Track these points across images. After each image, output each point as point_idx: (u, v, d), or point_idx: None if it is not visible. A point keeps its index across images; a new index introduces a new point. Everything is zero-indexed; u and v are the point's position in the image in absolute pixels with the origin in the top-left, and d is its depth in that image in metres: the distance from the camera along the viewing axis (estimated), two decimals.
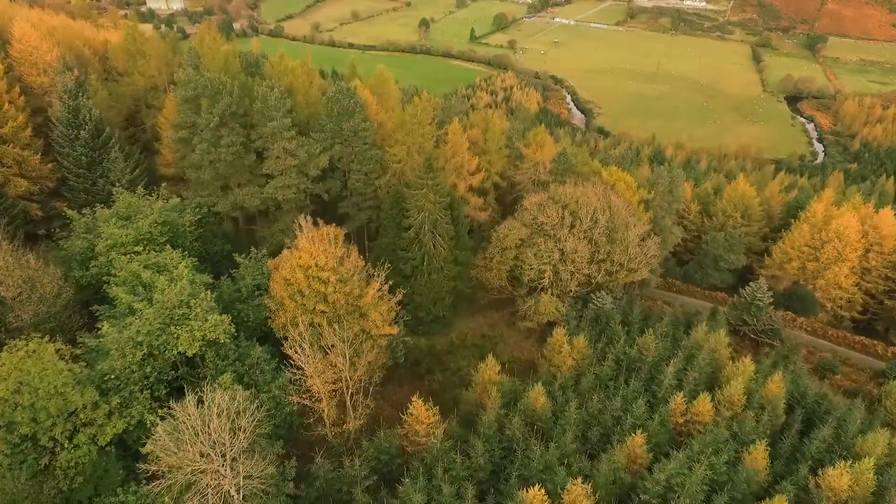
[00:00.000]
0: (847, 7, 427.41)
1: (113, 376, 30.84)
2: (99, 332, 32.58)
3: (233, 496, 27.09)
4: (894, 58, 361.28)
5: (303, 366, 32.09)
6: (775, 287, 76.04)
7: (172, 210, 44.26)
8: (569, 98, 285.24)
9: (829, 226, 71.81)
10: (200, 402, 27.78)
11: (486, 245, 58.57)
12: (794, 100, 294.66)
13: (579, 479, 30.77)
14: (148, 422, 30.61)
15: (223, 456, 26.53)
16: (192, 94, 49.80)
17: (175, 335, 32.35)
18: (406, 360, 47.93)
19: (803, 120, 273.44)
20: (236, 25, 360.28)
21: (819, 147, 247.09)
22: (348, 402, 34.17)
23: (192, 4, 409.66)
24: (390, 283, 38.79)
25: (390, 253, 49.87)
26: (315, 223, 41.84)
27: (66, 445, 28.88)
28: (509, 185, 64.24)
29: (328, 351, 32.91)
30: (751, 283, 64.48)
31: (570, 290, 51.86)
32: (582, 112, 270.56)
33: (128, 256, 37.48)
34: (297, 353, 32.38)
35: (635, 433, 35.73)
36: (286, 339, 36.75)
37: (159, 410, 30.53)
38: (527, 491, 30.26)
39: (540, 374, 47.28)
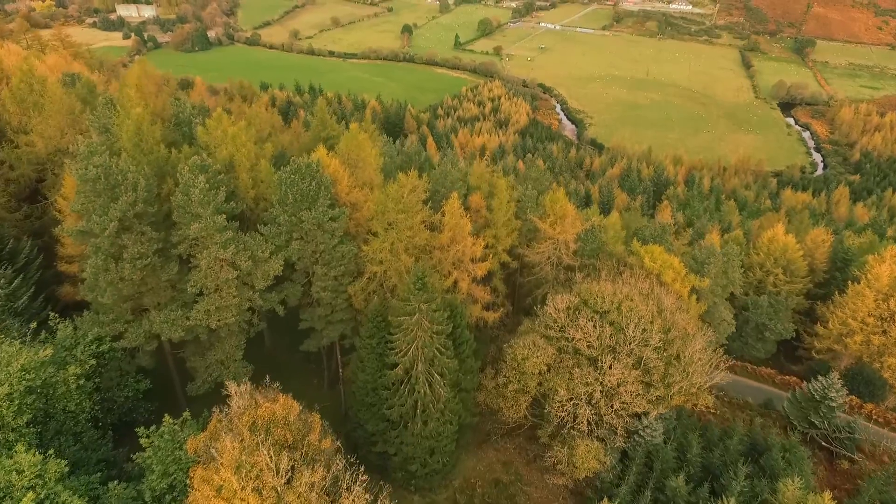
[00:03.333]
0: (833, 10, 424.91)
1: None
2: None
3: None
4: (882, 61, 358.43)
5: None
6: (835, 364, 64.42)
7: (48, 364, 30.09)
8: (558, 107, 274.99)
9: None
10: None
11: (494, 350, 45.37)
12: (787, 106, 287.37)
13: None
14: None
15: None
16: (94, 173, 35.71)
17: None
18: None
19: (799, 128, 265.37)
20: (211, 34, 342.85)
21: (818, 157, 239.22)
22: None
23: (164, 11, 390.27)
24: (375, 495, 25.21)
25: (370, 393, 36.16)
26: (257, 386, 28.26)
27: None
28: (520, 265, 50.87)
29: None
30: (820, 377, 52.96)
31: (616, 432, 38.60)
32: (573, 122, 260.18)
33: None
34: None
35: None
36: None
37: None
38: None
39: None
